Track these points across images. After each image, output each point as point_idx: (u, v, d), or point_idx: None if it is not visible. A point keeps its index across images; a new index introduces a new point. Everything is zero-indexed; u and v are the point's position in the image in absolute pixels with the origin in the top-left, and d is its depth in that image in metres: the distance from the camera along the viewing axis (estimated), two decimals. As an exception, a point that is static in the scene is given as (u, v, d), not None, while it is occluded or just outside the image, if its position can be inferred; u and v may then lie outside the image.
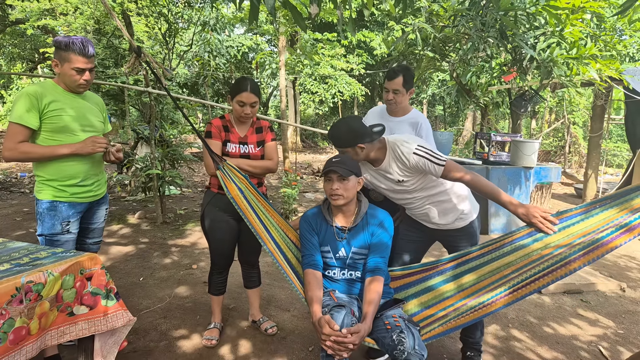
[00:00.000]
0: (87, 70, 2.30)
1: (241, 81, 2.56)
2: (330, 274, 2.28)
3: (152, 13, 7.25)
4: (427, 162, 2.14)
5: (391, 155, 2.26)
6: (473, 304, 2.01)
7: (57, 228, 2.35)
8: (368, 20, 16.67)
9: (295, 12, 2.26)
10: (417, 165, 2.17)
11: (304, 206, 7.25)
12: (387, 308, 2.09)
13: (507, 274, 2.00)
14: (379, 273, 2.13)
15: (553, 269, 1.87)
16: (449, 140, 6.14)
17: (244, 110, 2.55)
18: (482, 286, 2.07)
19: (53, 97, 2.29)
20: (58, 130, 2.30)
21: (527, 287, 1.90)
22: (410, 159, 2.17)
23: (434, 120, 26.82)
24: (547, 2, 3.92)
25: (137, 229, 5.48)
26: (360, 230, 2.23)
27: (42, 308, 1.67)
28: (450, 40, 5.23)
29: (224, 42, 16.04)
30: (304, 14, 4.70)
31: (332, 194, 2.15)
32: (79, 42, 2.24)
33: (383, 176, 2.34)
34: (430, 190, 2.31)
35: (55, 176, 2.33)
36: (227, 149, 2.60)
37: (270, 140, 2.74)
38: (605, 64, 4.45)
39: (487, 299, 1.98)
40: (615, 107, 11.43)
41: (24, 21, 11.32)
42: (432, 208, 2.35)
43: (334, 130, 2.28)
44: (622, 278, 4.16)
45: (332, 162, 2.16)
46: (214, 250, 2.76)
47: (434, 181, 2.29)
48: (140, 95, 7.81)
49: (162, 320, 3.07)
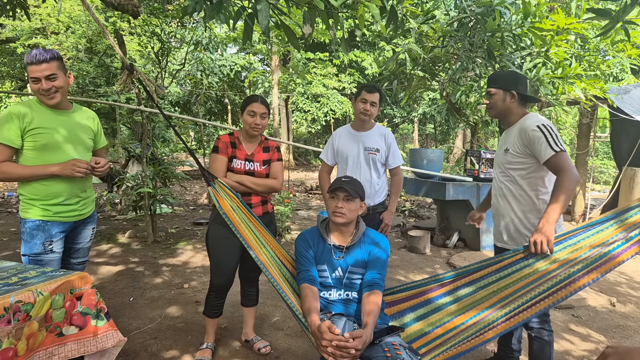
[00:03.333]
0: (43, 79, 2.19)
1: (252, 95, 2.70)
2: (326, 295, 2.23)
3: (145, 32, 7.31)
4: (542, 139, 2.12)
5: (520, 122, 2.29)
6: (473, 330, 1.96)
7: (40, 248, 2.28)
8: (360, 41, 16.92)
9: (289, 32, 2.30)
10: (531, 137, 2.16)
11: (297, 224, 7.24)
12: (386, 335, 2.00)
13: (507, 295, 1.98)
14: (377, 287, 2.11)
15: (556, 289, 1.85)
16: (439, 158, 6.21)
17: (255, 120, 2.61)
18: (481, 309, 2.04)
19: (37, 115, 2.24)
20: (42, 148, 2.25)
21: (529, 310, 1.88)
22: (533, 129, 2.17)
23: (425, 138, 27.08)
24: (532, 24, 4.02)
25: (128, 249, 5.43)
26: (358, 249, 2.24)
27: (31, 328, 1.64)
28: (439, 60, 5.32)
29: (216, 61, 16.16)
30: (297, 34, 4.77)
31: (335, 211, 2.18)
32: (33, 52, 2.18)
33: (501, 144, 2.43)
34: (523, 184, 2.28)
35: (38, 195, 2.28)
36: (232, 164, 2.63)
37: (276, 159, 2.77)
38: (590, 83, 4.55)
39: (487, 324, 1.94)
40: (600, 125, 11.63)
41: (14, 40, 11.33)
42: (513, 207, 2.32)
43: (498, 72, 2.37)
44: (612, 293, 4.19)
45: (341, 180, 2.22)
46: (215, 269, 2.69)
47: (533, 176, 2.25)
48: (132, 114, 7.82)
49: (153, 341, 3.02)
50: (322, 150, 3.34)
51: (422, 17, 4.75)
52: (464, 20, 4.20)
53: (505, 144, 2.37)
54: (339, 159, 3.18)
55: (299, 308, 2.11)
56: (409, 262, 5.15)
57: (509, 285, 2.01)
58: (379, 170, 3.13)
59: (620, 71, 6.85)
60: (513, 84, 2.29)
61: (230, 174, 2.61)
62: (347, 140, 3.15)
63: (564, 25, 4.16)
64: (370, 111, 3.01)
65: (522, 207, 2.29)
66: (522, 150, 2.23)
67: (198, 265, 4.76)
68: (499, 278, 2.07)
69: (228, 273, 2.69)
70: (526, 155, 2.23)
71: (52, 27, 11.15)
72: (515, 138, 2.26)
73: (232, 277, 2.73)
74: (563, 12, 4.91)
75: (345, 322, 1.93)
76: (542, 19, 4.13)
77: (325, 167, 3.27)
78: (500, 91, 2.30)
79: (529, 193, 2.27)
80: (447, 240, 5.97)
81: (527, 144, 2.19)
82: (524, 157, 2.24)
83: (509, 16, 4.09)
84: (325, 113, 15.80)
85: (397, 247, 5.87)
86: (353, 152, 3.09)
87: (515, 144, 2.26)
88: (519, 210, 2.30)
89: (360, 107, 3.03)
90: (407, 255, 5.46)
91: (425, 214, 8.62)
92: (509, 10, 4.04)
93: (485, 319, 1.97)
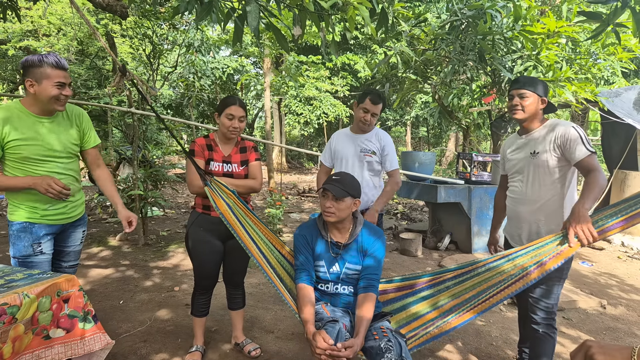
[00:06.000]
0: (67, 85, 2.21)
1: (229, 97, 2.64)
2: (323, 287, 2.31)
3: (137, 35, 7.28)
4: (579, 139, 2.17)
5: (545, 126, 2.34)
6: (454, 312, 2.21)
7: (29, 250, 2.26)
8: (352, 44, 16.97)
9: (278, 34, 2.30)
10: (566, 137, 2.20)
11: (289, 226, 7.22)
12: (375, 320, 2.17)
13: (480, 290, 2.21)
14: (372, 290, 2.18)
15: (512, 282, 2.07)
16: (432, 161, 6.23)
17: (233, 123, 2.57)
18: (457, 303, 2.26)
19: (17, 123, 2.18)
20: (22, 160, 2.21)
21: (492, 299, 2.11)
22: (567, 130, 2.21)
23: (417, 141, 27.18)
24: (523, 27, 4.06)
25: (118, 251, 5.39)
26: (354, 247, 2.28)
27: (17, 331, 1.62)
28: (431, 63, 5.35)
29: (209, 63, 16.12)
30: (288, 37, 4.77)
31: (325, 211, 2.21)
32: (52, 56, 2.16)
33: (523, 149, 2.42)
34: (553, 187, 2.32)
35: (24, 198, 2.25)
36: (210, 167, 2.60)
37: (254, 159, 2.74)
38: (580, 86, 4.58)
39: (466, 306, 2.17)
40: (592, 129, 11.73)
41: (5, 42, 11.24)
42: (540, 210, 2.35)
43: (528, 76, 2.47)
44: (602, 295, 4.21)
45: (331, 178, 2.24)
46: (198, 271, 2.71)
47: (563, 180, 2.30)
48: (124, 116, 7.78)
49: (142, 344, 2.99)
50: (322, 153, 3.39)
51: (414, 20, 4.77)
52: (456, 23, 4.23)
53: (530, 148, 2.37)
54: (336, 161, 3.21)
55: (294, 307, 2.23)
56: (401, 265, 5.15)
57: (487, 279, 2.21)
58: (375, 172, 3.14)
59: (611, 74, 6.93)
60: (544, 91, 2.34)
61: None
62: (344, 142, 3.18)
63: (555, 28, 4.19)
64: (369, 121, 3.03)
65: (547, 210, 2.33)
66: (557, 152, 2.26)
67: (189, 268, 4.73)
68: (478, 273, 2.26)
69: (211, 273, 2.71)
70: (561, 157, 2.26)
71: (43, 30, 11.07)
72: (548, 140, 2.28)
73: (216, 276, 2.75)
74: (554, 15, 4.96)
75: (339, 330, 1.98)
76: (533, 22, 4.17)
77: (323, 169, 3.32)
78: (536, 95, 2.31)
79: (557, 196, 2.31)
80: (438, 243, 5.98)
81: (563, 144, 2.22)
82: (558, 159, 2.27)
83: (500, 19, 4.12)
84: (318, 116, 15.80)
85: (389, 249, 5.87)
86: (349, 154, 3.12)
87: (550, 146, 2.27)
88: (544, 214, 2.33)
89: (360, 116, 3.04)
90: (398, 258, 5.46)
91: (417, 217, 8.64)
92: (500, 13, 4.07)
93: (463, 302, 2.21)
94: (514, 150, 2.50)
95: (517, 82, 2.37)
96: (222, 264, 2.78)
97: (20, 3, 5.30)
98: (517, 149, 2.48)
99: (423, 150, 19.56)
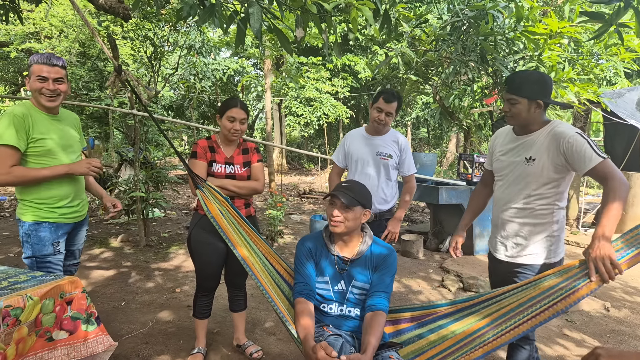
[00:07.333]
0: (51, 80, 2.23)
1: (230, 99, 2.63)
2: (325, 308, 2.08)
3: (138, 36, 7.28)
4: (586, 145, 1.90)
5: (546, 130, 2.05)
6: (467, 348, 1.93)
7: (49, 249, 2.30)
8: (353, 45, 16.97)
9: (281, 35, 2.29)
10: (572, 145, 1.93)
11: (290, 228, 7.22)
12: (382, 349, 1.91)
13: (497, 317, 1.95)
14: (381, 308, 1.97)
15: (539, 312, 1.83)
16: (433, 162, 6.23)
17: (234, 126, 2.57)
18: (475, 329, 1.97)
19: (36, 118, 2.26)
20: (43, 154, 2.26)
21: (516, 330, 1.86)
22: (572, 137, 1.94)
23: (418, 142, 27.17)
24: (525, 27, 4.05)
25: (120, 253, 5.38)
26: (363, 265, 2.06)
27: (20, 333, 1.62)
28: (432, 64, 5.34)
29: (209, 65, 16.15)
30: (290, 38, 4.77)
31: (332, 220, 2.01)
32: (46, 54, 2.25)
33: (518, 151, 2.15)
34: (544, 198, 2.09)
35: (43, 198, 2.28)
36: (212, 169, 2.59)
37: (256, 161, 2.74)
38: (583, 87, 4.57)
39: (479, 342, 1.91)
40: (594, 129, 11.71)
41: (7, 44, 11.26)
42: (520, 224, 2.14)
43: (521, 74, 2.10)
44: (606, 298, 4.20)
45: (341, 185, 2.05)
46: (200, 273, 2.71)
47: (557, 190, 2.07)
48: (125, 118, 7.79)
49: (144, 346, 2.99)
50: (334, 152, 3.31)
51: (415, 21, 4.76)
52: (457, 24, 4.22)
53: (526, 152, 2.11)
54: (349, 162, 3.13)
55: (286, 316, 2.01)
56: (402, 267, 5.15)
57: (501, 308, 1.96)
58: (391, 176, 3.06)
59: (613, 75, 6.91)
60: (540, 91, 2.03)
61: (211, 178, 2.56)
62: (358, 143, 3.08)
63: (557, 29, 4.19)
64: (384, 121, 2.93)
65: (534, 222, 2.11)
66: (557, 160, 2.01)
67: (190, 270, 4.72)
68: (494, 302, 2.01)
69: (213, 275, 2.70)
70: (561, 165, 2.01)
71: (45, 32, 11.08)
72: (546, 147, 2.03)
73: (218, 278, 2.74)
74: (556, 15, 4.95)
75: (343, 343, 1.80)
76: (535, 23, 4.16)
77: (336, 169, 3.25)
78: (525, 100, 2.03)
79: (547, 208, 2.09)
80: (440, 245, 5.97)
81: (566, 151, 1.96)
82: (557, 168, 2.02)
83: (501, 20, 4.11)
84: (318, 117, 15.80)
85: (391, 250, 5.85)
86: (363, 156, 3.04)
87: (548, 153, 2.02)
88: (529, 226, 2.12)
89: (375, 116, 2.95)
90: (400, 260, 5.45)
91: (419, 218, 8.63)
92: (502, 14, 4.06)
93: (477, 338, 1.94)
94: (506, 152, 2.23)
95: (508, 83, 2.13)
96: (224, 266, 2.78)
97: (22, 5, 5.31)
98: (509, 150, 2.21)
99: (423, 152, 19.54)
